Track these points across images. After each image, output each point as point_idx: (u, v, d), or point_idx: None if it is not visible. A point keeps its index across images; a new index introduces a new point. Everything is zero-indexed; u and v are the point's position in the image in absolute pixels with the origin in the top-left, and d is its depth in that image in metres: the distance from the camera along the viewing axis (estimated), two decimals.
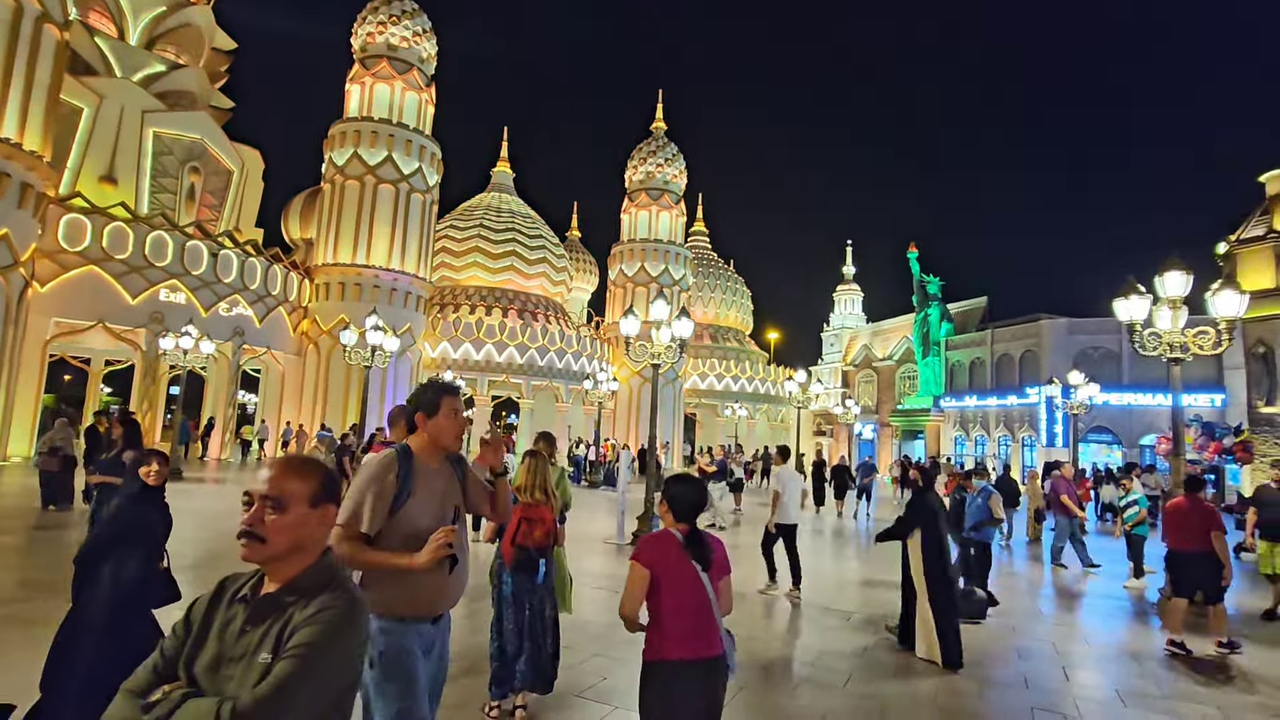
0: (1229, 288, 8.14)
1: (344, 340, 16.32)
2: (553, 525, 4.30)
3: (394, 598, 2.34)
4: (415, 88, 29.36)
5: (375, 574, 2.35)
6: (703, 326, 47.77)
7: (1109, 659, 6.24)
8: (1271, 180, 30.83)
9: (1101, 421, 31.06)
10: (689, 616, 2.56)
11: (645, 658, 2.61)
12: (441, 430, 2.52)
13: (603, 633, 6.08)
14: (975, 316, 40.35)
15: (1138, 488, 10.22)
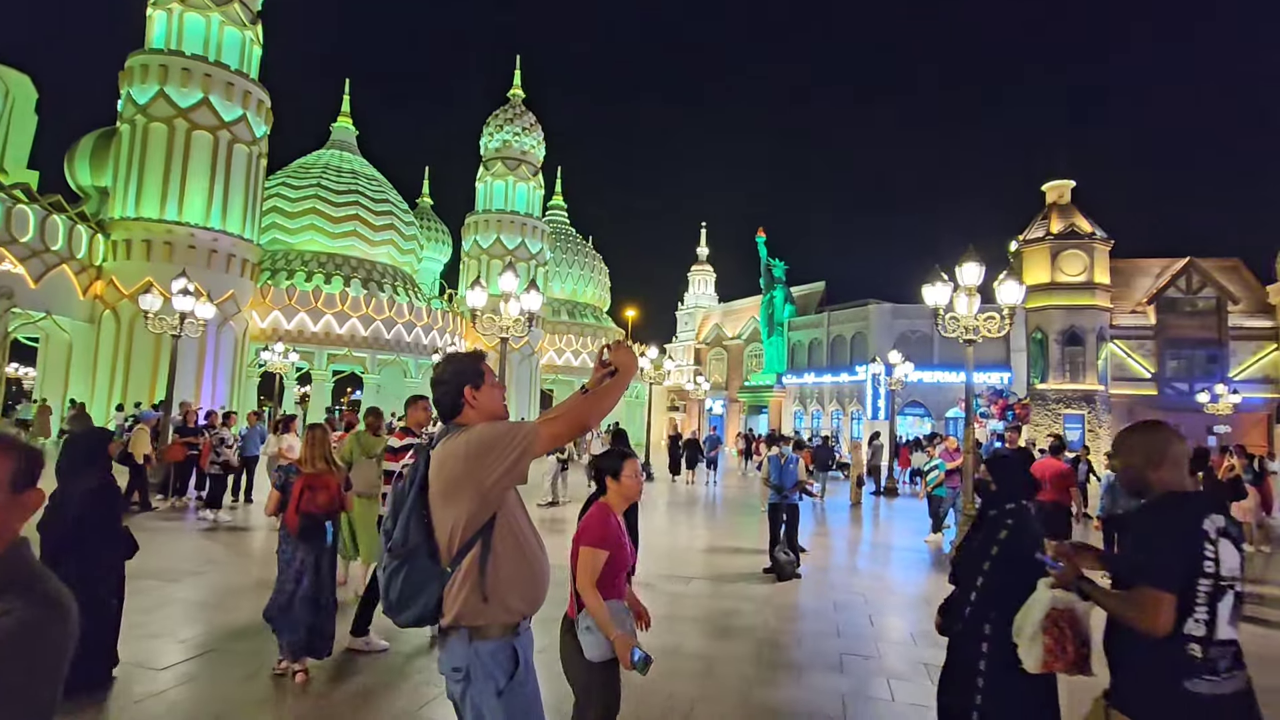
0: (1011, 279, 9.35)
1: (144, 305, 14.27)
2: (337, 491, 4.56)
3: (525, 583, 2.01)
4: (237, 23, 25.99)
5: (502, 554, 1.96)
6: (560, 302, 47.45)
7: (908, 605, 7.03)
8: (1050, 190, 35.87)
9: (916, 396, 34.85)
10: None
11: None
12: (495, 401, 2.12)
13: None
14: (814, 299, 43.46)
15: (938, 454, 11.55)
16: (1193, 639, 1.91)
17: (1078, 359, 34.00)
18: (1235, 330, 35.01)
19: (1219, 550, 1.94)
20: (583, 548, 2.70)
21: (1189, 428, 31.78)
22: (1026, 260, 34.62)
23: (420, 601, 1.92)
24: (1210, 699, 1.89)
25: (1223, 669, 1.92)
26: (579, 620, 2.65)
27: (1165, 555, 1.97)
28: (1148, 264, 36.84)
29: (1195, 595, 1.91)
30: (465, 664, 1.92)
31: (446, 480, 1.94)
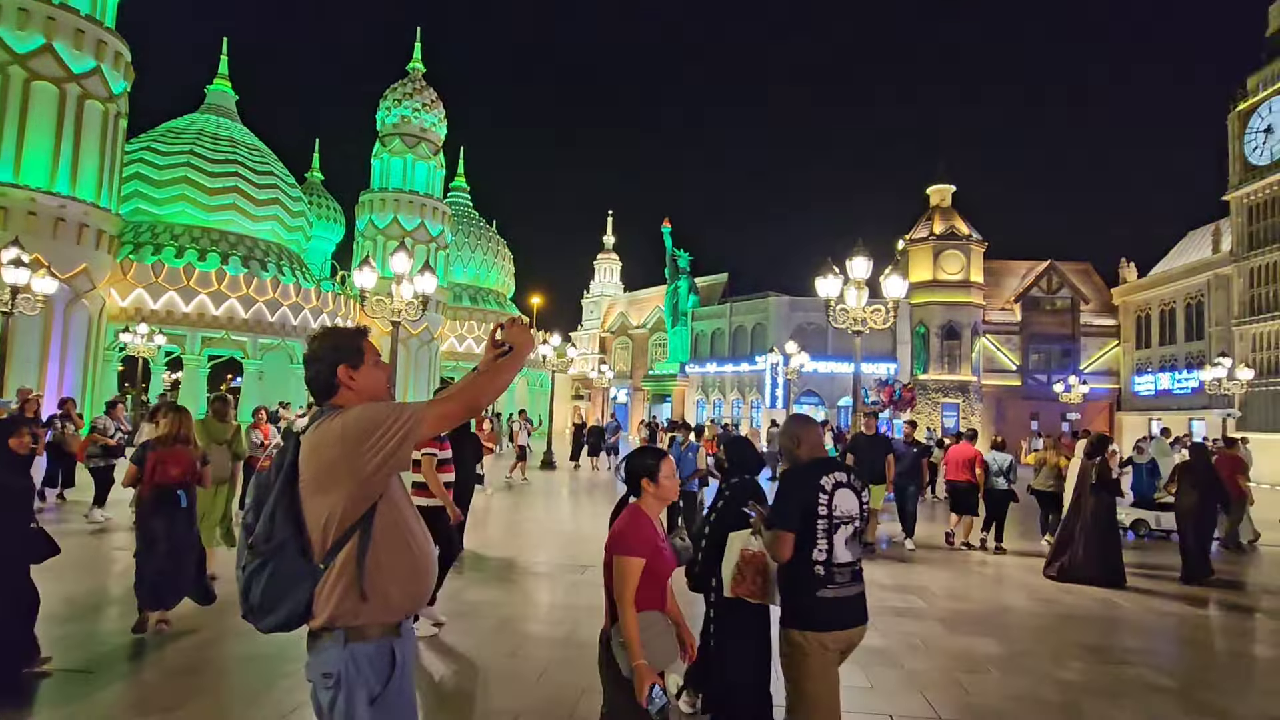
0: (896, 274, 9.87)
1: None
2: (190, 465, 5.00)
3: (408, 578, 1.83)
4: None
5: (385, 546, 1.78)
6: (462, 287, 46.00)
7: None
8: (933, 192, 38.38)
9: (811, 386, 36.42)
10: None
11: None
12: (376, 383, 1.92)
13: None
14: (718, 290, 44.44)
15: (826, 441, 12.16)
16: (816, 562, 2.68)
17: (955, 352, 36.69)
18: (1085, 328, 38.97)
19: (834, 498, 2.71)
20: (616, 557, 2.43)
21: (1047, 414, 35.13)
22: (912, 258, 36.88)
23: (288, 603, 1.72)
24: (833, 599, 2.70)
25: (841, 581, 2.71)
26: (613, 634, 2.41)
27: (787, 505, 2.74)
28: (1015, 265, 40.26)
29: (815, 531, 2.67)
30: (338, 669, 1.72)
31: (319, 468, 1.74)
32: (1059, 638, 5.71)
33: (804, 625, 2.70)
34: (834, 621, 2.71)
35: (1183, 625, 6.37)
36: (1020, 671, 4.83)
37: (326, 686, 1.73)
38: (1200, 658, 5.62)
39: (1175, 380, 34.63)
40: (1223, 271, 32.61)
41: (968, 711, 4.11)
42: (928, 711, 4.07)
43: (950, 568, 8.29)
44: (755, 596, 2.96)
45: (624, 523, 2.52)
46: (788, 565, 2.71)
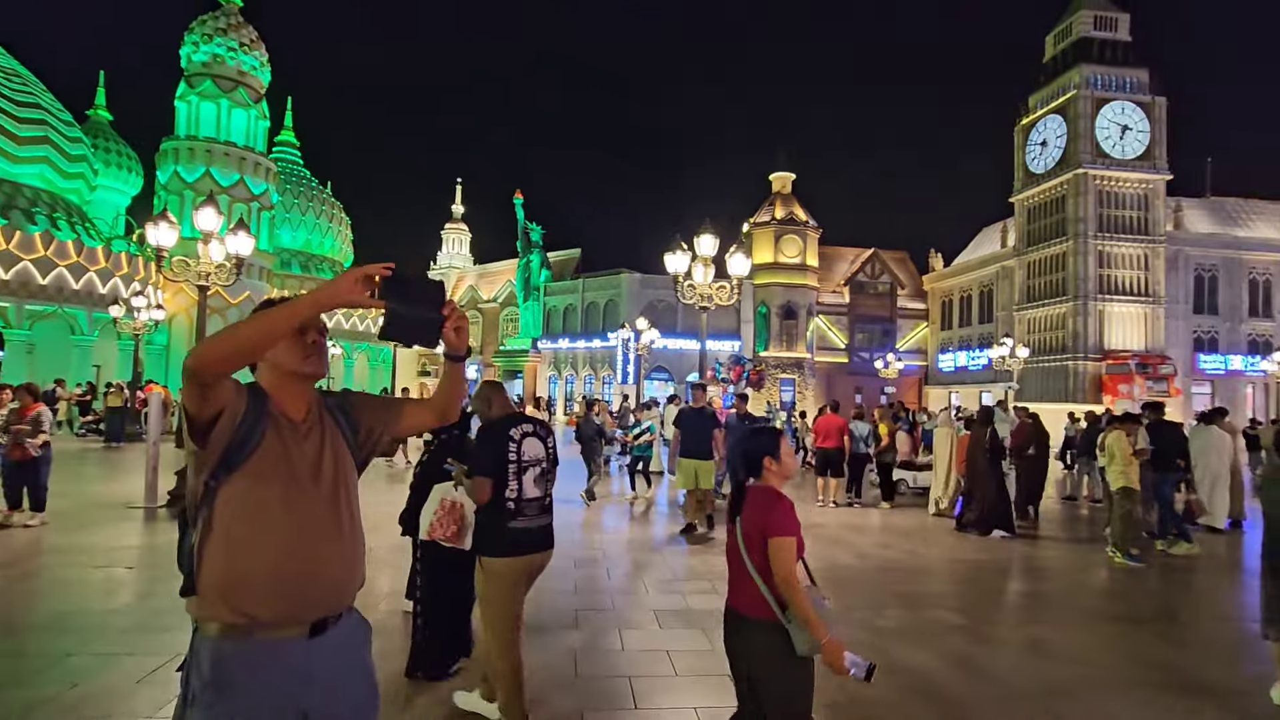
0: (740, 253, 10.25)
1: None
2: None
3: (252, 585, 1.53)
4: None
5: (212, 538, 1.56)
6: (291, 253, 41.87)
7: (644, 556, 7.37)
8: (775, 180, 40.68)
9: (661, 362, 37.44)
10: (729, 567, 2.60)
11: None
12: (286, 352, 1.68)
13: (96, 623, 4.64)
14: (570, 266, 44.15)
15: (649, 418, 12.13)
16: (509, 499, 3.19)
17: (792, 331, 39.41)
18: (901, 310, 43.51)
19: (522, 446, 3.25)
20: (773, 539, 2.39)
21: (869, 388, 38.84)
22: (755, 240, 38.91)
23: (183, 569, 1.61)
24: (522, 529, 3.22)
25: (530, 514, 3.25)
26: (786, 616, 2.38)
27: (483, 455, 3.27)
28: (845, 251, 43.92)
29: (507, 474, 3.20)
30: (186, 656, 1.59)
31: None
32: (878, 589, 6.26)
33: (497, 553, 3.21)
34: (522, 548, 3.22)
35: (978, 570, 7.26)
36: (845, 623, 5.22)
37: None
38: (989, 597, 6.42)
39: (970, 358, 39.75)
40: (1008, 264, 37.75)
41: None
42: None
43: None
44: (450, 541, 3.54)
45: (769, 505, 2.47)
46: (486, 505, 3.22)
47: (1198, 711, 3.83)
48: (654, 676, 4.09)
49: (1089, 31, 34.04)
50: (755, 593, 2.42)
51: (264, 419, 1.59)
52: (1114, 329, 32.47)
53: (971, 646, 4.77)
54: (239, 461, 1.55)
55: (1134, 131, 33.00)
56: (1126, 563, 7.35)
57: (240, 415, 1.55)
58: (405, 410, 1.90)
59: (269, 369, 1.67)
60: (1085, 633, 5.16)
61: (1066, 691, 4.04)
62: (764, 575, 2.42)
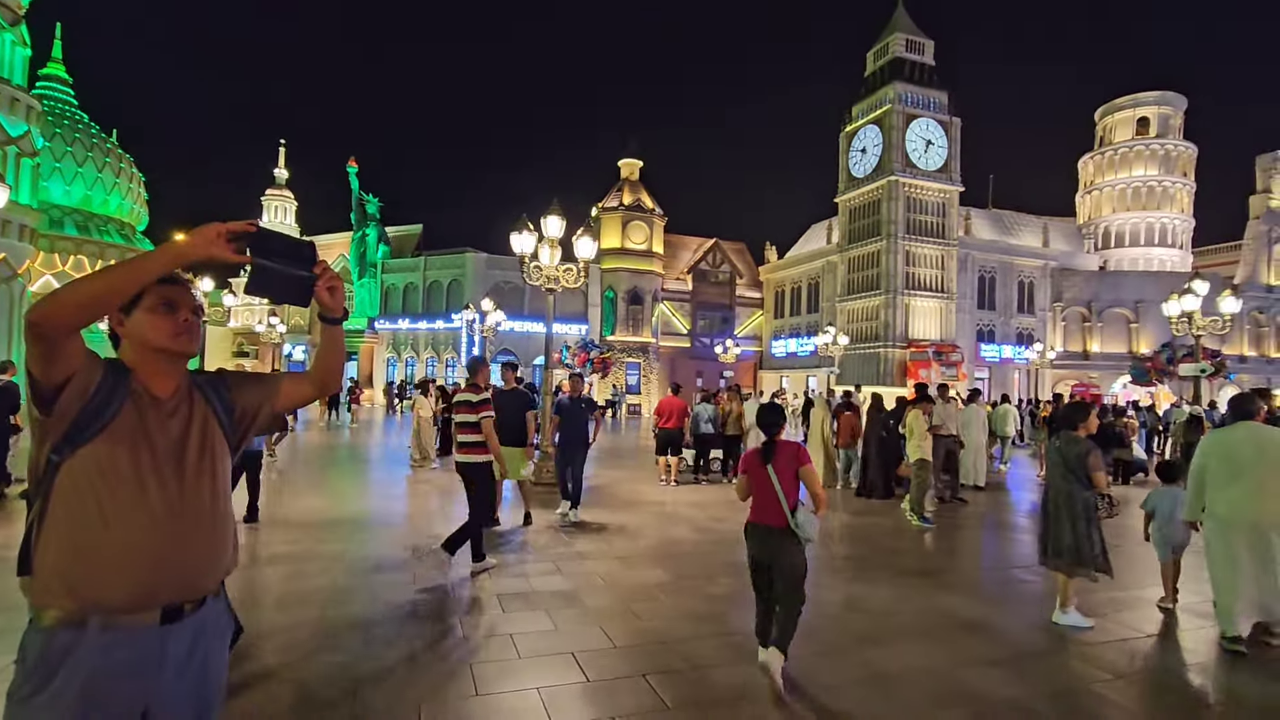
0: (587, 236, 10.25)
1: None
2: None
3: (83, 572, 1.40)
4: None
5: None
6: (65, 211, 35.59)
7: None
8: (624, 166, 41.20)
9: (508, 345, 36.66)
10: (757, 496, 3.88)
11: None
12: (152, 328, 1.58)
13: None
14: (411, 242, 41.80)
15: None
16: None
17: (638, 316, 40.31)
18: (740, 299, 46.09)
19: None
20: (805, 468, 3.82)
21: (709, 372, 40.76)
22: (604, 225, 39.21)
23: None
24: None
25: None
26: (797, 514, 3.72)
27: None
28: (689, 240, 45.62)
29: None
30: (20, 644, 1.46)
31: None
32: (712, 560, 6.60)
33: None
34: None
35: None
36: (683, 593, 5.45)
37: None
38: (813, 563, 7.01)
39: (799, 344, 43.09)
40: (832, 259, 41.30)
41: (639, 635, 4.48)
42: (605, 643, 4.32)
43: (631, 510, 9.06)
44: None
45: (796, 449, 3.87)
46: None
47: (976, 646, 4.47)
48: (497, 660, 4.01)
49: (901, 52, 37.92)
50: (779, 509, 3.74)
51: (122, 393, 1.52)
52: (917, 320, 36.76)
53: None
54: (90, 436, 1.46)
55: (935, 146, 37.38)
56: (921, 524, 8.38)
57: (94, 386, 1.48)
58: (283, 385, 1.84)
59: (135, 345, 1.60)
60: (890, 587, 5.80)
61: (874, 640, 4.53)
62: (788, 496, 3.73)
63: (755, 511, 3.87)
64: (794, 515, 3.71)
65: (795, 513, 3.71)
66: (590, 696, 3.59)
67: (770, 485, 3.77)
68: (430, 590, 5.35)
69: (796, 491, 3.79)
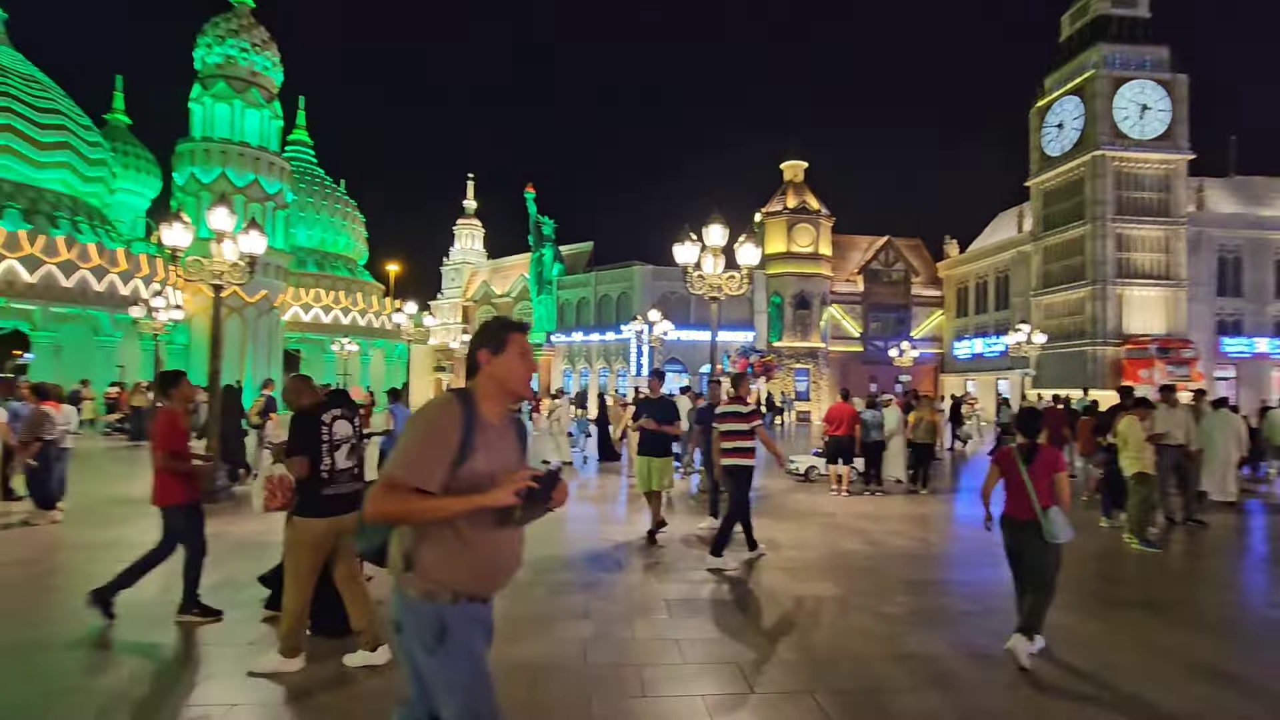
0: (749, 242, 10.18)
1: None
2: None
3: (453, 567, 1.95)
4: None
5: (432, 538, 1.93)
6: (306, 252, 42.24)
7: (650, 545, 7.40)
8: (787, 169, 40.34)
9: (675, 354, 37.41)
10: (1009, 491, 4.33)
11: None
12: (507, 371, 2.07)
13: (118, 616, 4.76)
14: (583, 259, 44.18)
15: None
16: (324, 470, 3.92)
17: (806, 320, 39.18)
18: (916, 298, 43.07)
19: (334, 427, 3.99)
20: (1059, 474, 4.18)
21: (884, 376, 38.55)
22: (768, 230, 38.68)
23: (367, 540, 2.07)
24: (333, 495, 3.93)
25: (342, 481, 3.98)
26: (1050, 513, 4.10)
27: (297, 438, 3.95)
28: (859, 240, 43.52)
29: (321, 450, 3.93)
30: (399, 617, 1.98)
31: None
32: (887, 577, 6.24)
33: (309, 514, 3.89)
34: (331, 511, 3.91)
35: (995, 557, 7.20)
36: (854, 610, 5.22)
37: (397, 634, 1.99)
38: (994, 587, 6.37)
39: (986, 345, 39.29)
40: (1024, 249, 37.20)
41: (806, 650, 4.36)
42: (771, 655, 4.27)
43: (799, 521, 8.84)
44: (286, 508, 4.06)
45: (1056, 456, 4.29)
46: (306, 483, 3.90)
47: (1229, 702, 3.80)
48: (662, 665, 4.12)
49: (1106, 9, 33.31)
50: (1028, 505, 4.15)
51: (474, 430, 1.94)
52: (1133, 313, 31.93)
53: (984, 637, 4.75)
54: (458, 469, 1.91)
55: (1154, 110, 32.30)
56: (1143, 548, 7.27)
57: (459, 441, 1.91)
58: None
59: (494, 380, 2.05)
60: (1101, 621, 5.11)
61: (1089, 678, 4.01)
62: (1041, 496, 4.13)
63: (1008, 504, 4.33)
64: (1045, 514, 4.07)
65: (1048, 511, 4.07)
66: (755, 709, 3.57)
67: (1022, 483, 4.19)
68: (602, 593, 5.62)
69: (1049, 494, 4.13)
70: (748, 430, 6.62)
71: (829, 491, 10.93)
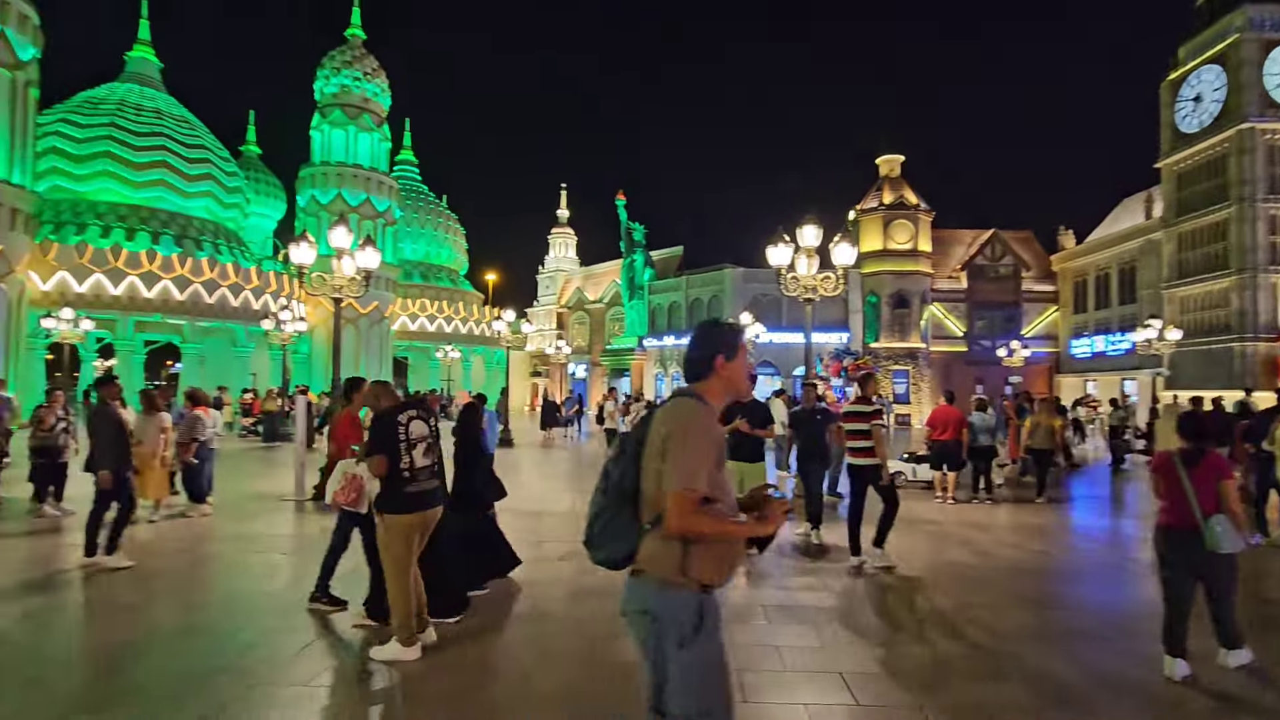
0: (845, 242, 9.92)
1: None
2: None
3: (715, 563, 2.06)
4: None
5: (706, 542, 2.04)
6: (413, 265, 44.83)
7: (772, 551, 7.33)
8: (883, 163, 38.85)
9: (767, 357, 36.85)
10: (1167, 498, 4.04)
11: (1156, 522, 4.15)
12: (739, 375, 2.20)
13: (268, 605, 5.25)
14: (673, 263, 44.35)
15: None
16: (403, 468, 4.11)
17: (905, 320, 37.54)
18: (1027, 294, 40.27)
19: (410, 427, 4.19)
20: (1226, 482, 3.92)
21: (991, 378, 36.36)
22: (863, 228, 37.38)
23: (613, 547, 2.12)
24: (415, 492, 4.16)
25: (421, 479, 4.19)
26: (1213, 521, 3.80)
27: (376, 438, 4.16)
28: (961, 234, 41.23)
29: (399, 449, 4.12)
30: (654, 609, 2.04)
31: (656, 439, 2.03)
32: (1000, 590, 5.89)
33: (396, 510, 4.12)
34: (415, 507, 4.16)
35: (1127, 574, 6.66)
36: (964, 624, 4.97)
37: (643, 623, 2.06)
38: (1125, 606, 5.88)
39: (1109, 343, 36.17)
40: (1154, 237, 33.98)
41: (914, 663, 4.20)
42: (875, 666, 4.14)
43: (899, 528, 8.48)
44: (351, 505, 4.50)
45: (1224, 463, 4.07)
46: (387, 475, 4.10)
47: None
48: (763, 671, 4.09)
49: None
50: (1190, 514, 3.88)
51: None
52: None
53: (1114, 659, 4.40)
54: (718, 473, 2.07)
55: None
56: None
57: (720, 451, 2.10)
58: None
59: (723, 383, 2.17)
60: (1261, 648, 4.61)
61: (1248, 706, 3.65)
62: (1204, 504, 3.86)
63: (1165, 513, 4.07)
64: (1208, 522, 3.82)
65: (1211, 519, 3.82)
66: None
67: (1182, 489, 3.94)
68: None
69: (1215, 502, 3.88)
70: (867, 430, 6.65)
71: (933, 499, 10.44)
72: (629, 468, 2.08)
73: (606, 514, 2.10)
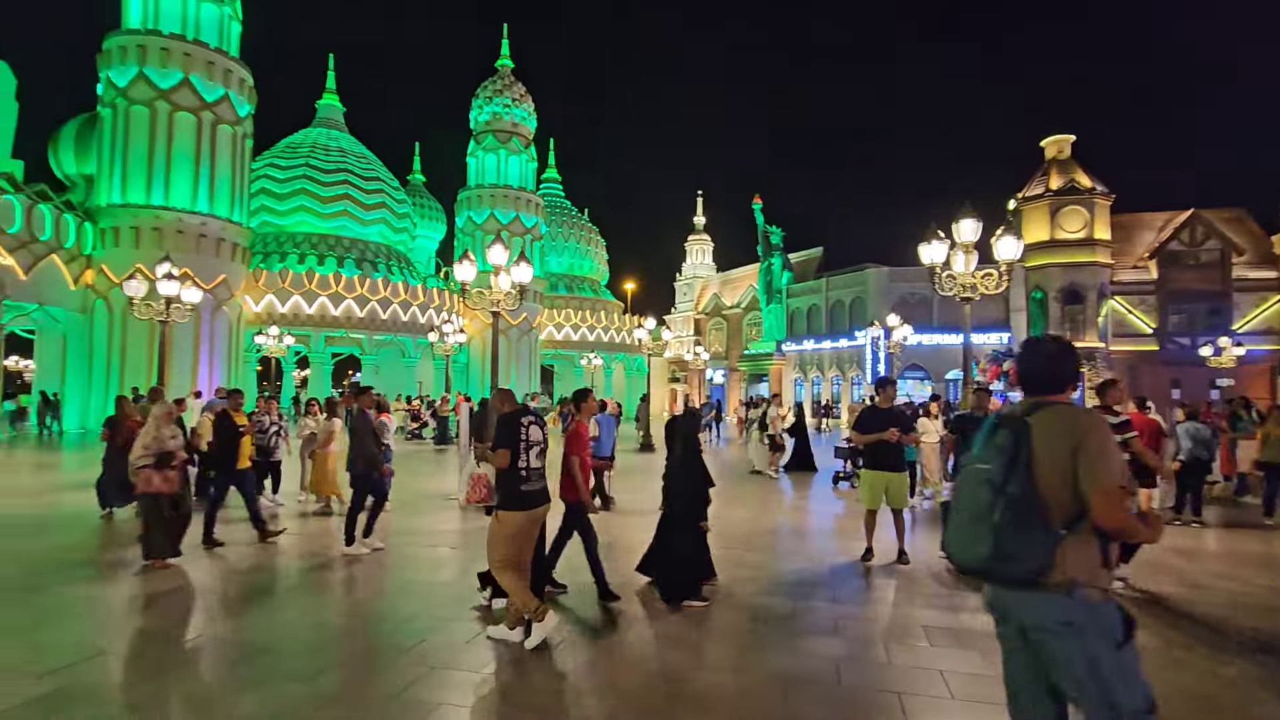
0: (1009, 234, 9.12)
1: (129, 291, 14.07)
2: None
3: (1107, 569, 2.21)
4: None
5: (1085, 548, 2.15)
6: (558, 277, 47.10)
7: (898, 568, 6.93)
8: (1049, 145, 35.18)
9: (916, 360, 34.67)
10: None
11: None
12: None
13: (432, 592, 5.78)
14: (812, 266, 43.07)
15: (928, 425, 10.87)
16: (520, 468, 4.49)
17: (1078, 317, 33.71)
18: (1239, 282, 34.58)
19: (528, 431, 4.56)
20: None
21: (1191, 381, 31.67)
22: (1026, 218, 34.15)
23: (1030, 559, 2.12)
24: (529, 491, 4.53)
25: (534, 479, 4.56)
26: None
27: (500, 434, 4.54)
28: (1150, 218, 36.29)
29: (519, 450, 4.50)
30: (1078, 619, 2.10)
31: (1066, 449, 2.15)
32: (1218, 628, 5.13)
33: (513, 507, 4.50)
34: (529, 504, 4.54)
35: None
36: (1173, 665, 4.38)
37: (1067, 635, 2.10)
38: None
39: None
40: None
41: None
42: None
43: None
44: (484, 501, 5.12)
45: None
46: (504, 472, 4.49)
47: None
48: (926, 696, 3.86)
49: None
50: None
51: None
52: None
53: None
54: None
55: None
56: None
57: None
58: None
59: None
60: None
61: None
62: None
63: None
64: None
65: None
66: None
67: None
68: (852, 610, 5.43)
69: None
70: (1120, 442, 5.91)
71: None
72: (1023, 479, 2.13)
73: (1013, 526, 2.11)
